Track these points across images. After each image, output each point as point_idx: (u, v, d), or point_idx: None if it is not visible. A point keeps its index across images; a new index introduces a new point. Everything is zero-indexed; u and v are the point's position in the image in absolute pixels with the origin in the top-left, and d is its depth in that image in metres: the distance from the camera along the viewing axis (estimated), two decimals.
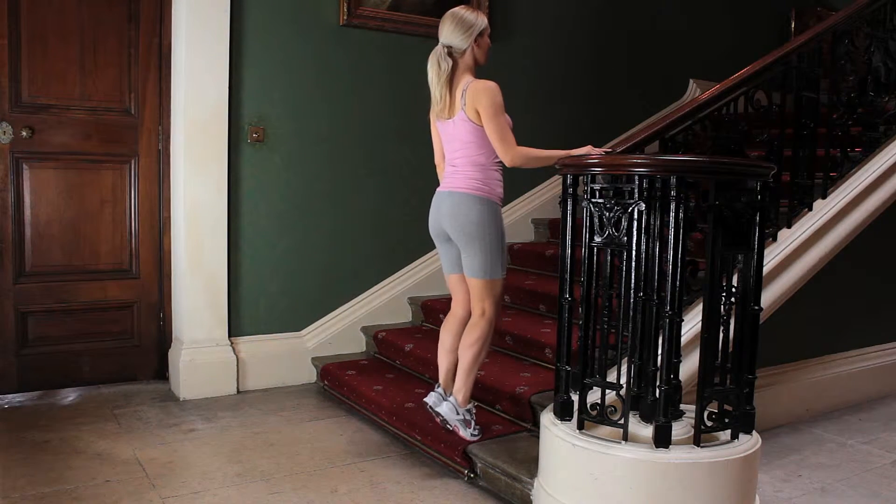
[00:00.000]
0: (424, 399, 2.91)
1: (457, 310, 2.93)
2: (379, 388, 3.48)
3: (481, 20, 2.71)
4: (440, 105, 2.72)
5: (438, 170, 2.93)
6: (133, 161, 3.78)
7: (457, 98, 2.68)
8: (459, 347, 2.84)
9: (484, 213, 2.69)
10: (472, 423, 2.85)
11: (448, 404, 2.83)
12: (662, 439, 2.18)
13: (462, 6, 2.77)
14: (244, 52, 3.71)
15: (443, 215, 2.77)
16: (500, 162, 2.72)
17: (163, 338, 3.91)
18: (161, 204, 3.84)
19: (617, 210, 2.26)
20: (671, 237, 2.18)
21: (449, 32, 2.68)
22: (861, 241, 3.46)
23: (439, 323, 3.22)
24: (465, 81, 2.68)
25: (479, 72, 2.77)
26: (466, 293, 2.86)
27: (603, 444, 2.22)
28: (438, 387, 2.93)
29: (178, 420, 3.36)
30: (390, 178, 4.16)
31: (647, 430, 2.23)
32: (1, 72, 3.45)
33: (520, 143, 2.65)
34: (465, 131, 2.68)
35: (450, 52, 2.68)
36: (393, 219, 4.19)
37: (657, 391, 2.22)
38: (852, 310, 3.71)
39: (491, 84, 2.62)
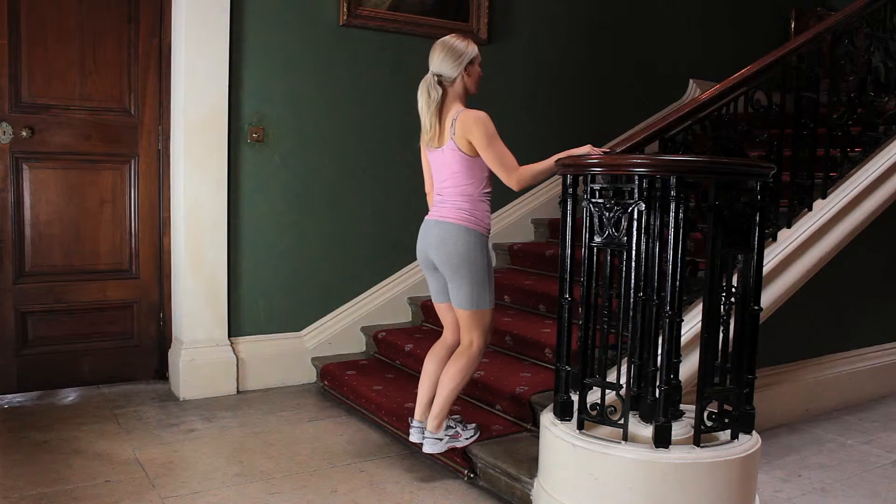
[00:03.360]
0: (409, 439, 2.85)
1: (447, 336, 2.87)
2: (379, 388, 3.48)
3: (472, 49, 2.67)
4: (430, 133, 2.67)
5: (428, 197, 2.88)
6: (133, 161, 3.78)
7: (446, 127, 2.64)
8: (441, 374, 2.76)
9: (471, 243, 2.63)
10: (461, 430, 2.80)
11: (428, 442, 2.75)
12: (662, 439, 2.18)
13: (452, 34, 2.71)
14: (244, 52, 3.72)
15: (429, 244, 2.71)
16: (489, 192, 2.69)
17: (163, 338, 3.91)
18: (161, 204, 3.84)
19: (617, 210, 2.25)
20: (671, 237, 2.18)
21: (439, 61, 2.64)
22: (861, 241, 3.46)
23: (439, 323, 3.21)
24: (455, 110, 2.63)
25: (471, 99, 2.73)
26: (456, 320, 2.81)
27: (603, 445, 2.22)
28: (414, 421, 2.84)
29: (178, 420, 3.36)
30: (390, 178, 4.16)
31: (647, 430, 2.23)
32: (1, 72, 3.45)
33: (520, 144, 2.63)
34: (453, 161, 2.64)
35: (440, 80, 2.64)
36: (393, 219, 4.19)
37: (657, 391, 2.22)
38: (852, 310, 3.71)
39: (481, 114, 2.58)
